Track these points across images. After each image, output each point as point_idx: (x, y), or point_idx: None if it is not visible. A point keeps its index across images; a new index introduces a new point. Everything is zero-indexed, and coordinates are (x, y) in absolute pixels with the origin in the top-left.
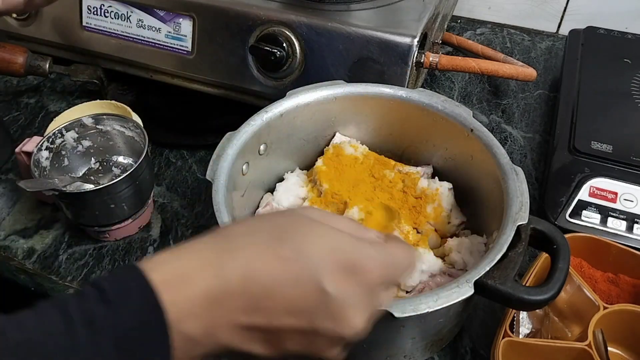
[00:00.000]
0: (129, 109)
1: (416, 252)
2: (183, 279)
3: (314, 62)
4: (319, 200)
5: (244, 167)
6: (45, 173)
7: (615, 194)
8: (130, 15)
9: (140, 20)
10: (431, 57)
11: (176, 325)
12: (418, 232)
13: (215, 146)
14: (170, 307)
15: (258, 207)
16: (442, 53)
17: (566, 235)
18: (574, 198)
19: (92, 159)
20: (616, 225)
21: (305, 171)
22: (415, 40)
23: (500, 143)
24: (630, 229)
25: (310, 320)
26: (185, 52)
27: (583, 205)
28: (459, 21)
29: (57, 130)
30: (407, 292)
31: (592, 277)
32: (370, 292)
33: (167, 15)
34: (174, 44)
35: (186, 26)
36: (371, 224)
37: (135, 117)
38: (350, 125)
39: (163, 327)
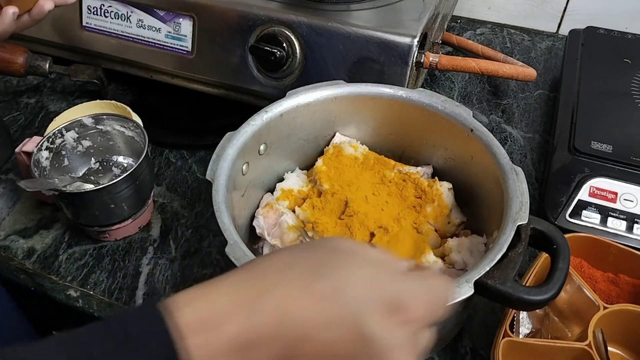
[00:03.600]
0: (129, 109)
1: (452, 284)
2: (211, 322)
3: (314, 62)
4: (319, 200)
5: (244, 167)
6: (45, 173)
7: (615, 194)
8: (130, 15)
9: (140, 20)
10: (431, 57)
11: None
12: (418, 232)
13: (215, 146)
14: (198, 352)
15: (258, 207)
16: (442, 53)
17: (566, 235)
18: (574, 198)
19: (92, 159)
20: (616, 225)
21: (305, 171)
22: (415, 40)
23: (500, 143)
24: (630, 229)
25: None
26: (185, 52)
27: (583, 205)
28: (459, 21)
29: (57, 130)
30: None
31: (592, 277)
32: (415, 332)
33: (167, 15)
34: (174, 44)
35: (186, 26)
36: (398, 248)
37: (135, 117)
38: (350, 125)
39: None
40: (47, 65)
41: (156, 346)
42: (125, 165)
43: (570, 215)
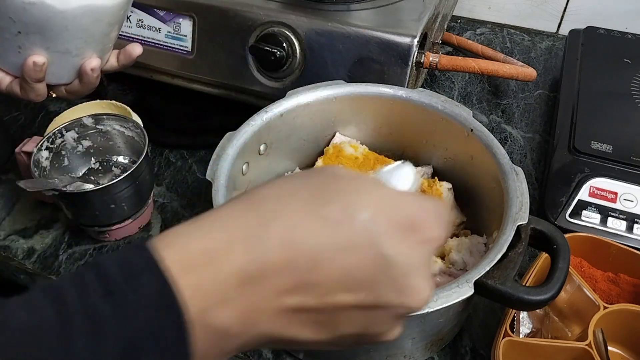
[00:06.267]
0: (129, 109)
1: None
2: (208, 258)
3: (314, 62)
4: None
5: (244, 167)
6: (45, 173)
7: (615, 194)
8: (130, 15)
9: (140, 20)
10: (431, 57)
11: (201, 317)
12: None
13: (215, 146)
14: (192, 293)
15: None
16: (442, 53)
17: (566, 235)
18: (574, 198)
19: (92, 159)
20: (616, 225)
21: None
22: (415, 40)
23: (500, 143)
24: (630, 229)
25: (372, 294)
26: (185, 52)
27: (583, 205)
28: (459, 21)
29: (57, 130)
30: None
31: (592, 277)
32: (431, 252)
33: (167, 15)
34: (174, 44)
35: (186, 26)
36: None
37: (135, 117)
38: (350, 125)
39: (180, 328)
40: None
41: (149, 292)
42: (125, 165)
43: (570, 215)
